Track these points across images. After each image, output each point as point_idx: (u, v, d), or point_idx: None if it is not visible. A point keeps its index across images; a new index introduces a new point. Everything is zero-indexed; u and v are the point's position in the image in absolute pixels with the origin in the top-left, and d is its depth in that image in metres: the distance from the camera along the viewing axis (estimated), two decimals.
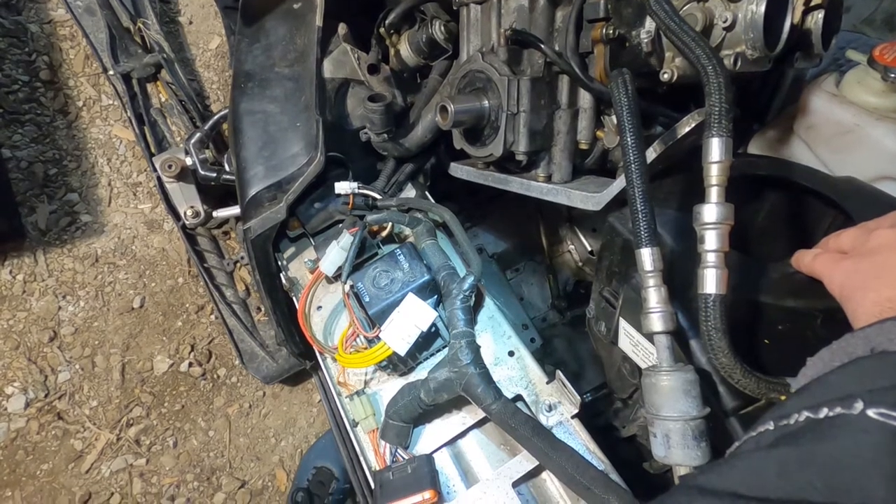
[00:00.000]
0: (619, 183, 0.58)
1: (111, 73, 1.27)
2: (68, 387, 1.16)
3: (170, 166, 1.00)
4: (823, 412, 0.24)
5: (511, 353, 0.63)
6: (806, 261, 0.41)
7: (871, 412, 0.23)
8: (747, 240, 0.69)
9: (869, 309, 0.33)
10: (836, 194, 0.54)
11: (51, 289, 1.21)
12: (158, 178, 1.08)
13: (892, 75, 0.57)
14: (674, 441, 0.38)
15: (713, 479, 0.25)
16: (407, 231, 0.71)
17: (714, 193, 0.38)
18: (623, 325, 0.55)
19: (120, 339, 1.21)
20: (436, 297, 0.62)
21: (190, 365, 1.22)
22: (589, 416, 0.86)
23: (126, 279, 1.25)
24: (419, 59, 0.78)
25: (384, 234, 0.71)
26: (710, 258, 0.38)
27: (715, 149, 0.38)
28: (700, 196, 0.42)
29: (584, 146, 0.65)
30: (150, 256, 1.28)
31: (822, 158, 0.63)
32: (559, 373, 0.58)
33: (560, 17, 0.60)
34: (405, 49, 0.78)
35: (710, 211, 0.38)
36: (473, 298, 0.60)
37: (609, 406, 0.77)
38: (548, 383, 0.59)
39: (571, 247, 1.19)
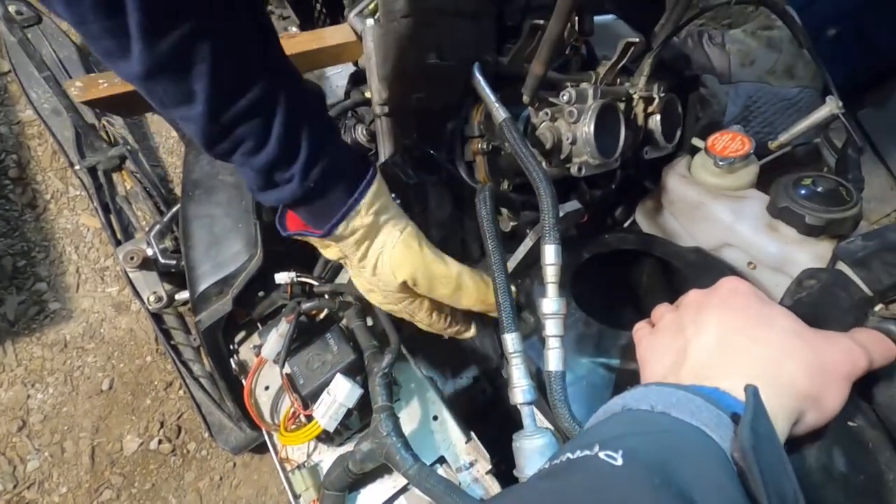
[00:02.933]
0: (511, 261, 0.69)
1: (77, 167, 1.36)
2: (37, 475, 1.18)
3: (132, 258, 1.08)
4: (577, 454, 0.31)
5: (435, 418, 0.71)
6: (633, 331, 0.51)
7: (601, 453, 0.29)
8: (638, 297, 0.80)
9: (648, 377, 0.42)
10: (683, 264, 0.65)
11: (19, 378, 1.25)
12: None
13: (721, 163, 0.69)
14: None
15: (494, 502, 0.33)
16: (342, 313, 0.80)
17: (551, 290, 0.48)
18: None
19: (89, 422, 1.25)
20: (364, 374, 0.71)
21: (160, 442, 1.26)
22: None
23: (95, 362, 1.31)
24: None
25: (321, 316, 0.80)
26: (552, 342, 0.47)
27: (549, 254, 0.49)
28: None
29: None
30: (118, 338, 1.34)
31: (685, 227, 0.75)
32: (472, 433, 0.66)
33: (450, 129, 0.72)
34: None
35: (549, 304, 0.48)
36: (392, 374, 0.69)
37: None
38: (466, 443, 0.68)
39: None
